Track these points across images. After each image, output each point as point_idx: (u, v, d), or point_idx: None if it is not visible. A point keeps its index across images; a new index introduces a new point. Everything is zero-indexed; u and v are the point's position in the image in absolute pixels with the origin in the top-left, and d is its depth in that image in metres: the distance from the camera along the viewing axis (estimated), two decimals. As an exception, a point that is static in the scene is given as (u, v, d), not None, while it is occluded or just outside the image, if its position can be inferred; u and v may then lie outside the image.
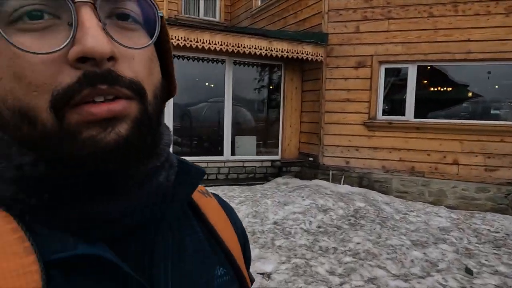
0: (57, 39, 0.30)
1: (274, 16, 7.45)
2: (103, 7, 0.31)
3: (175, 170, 0.42)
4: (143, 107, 0.33)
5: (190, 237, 0.43)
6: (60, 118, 0.30)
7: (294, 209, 4.24)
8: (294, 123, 6.78)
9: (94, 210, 0.33)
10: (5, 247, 0.29)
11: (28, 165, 0.32)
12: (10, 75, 0.30)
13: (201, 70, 6.49)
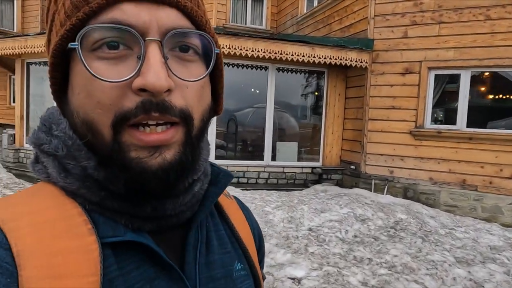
0: (126, 68, 0.35)
1: (318, 23, 7.44)
2: (169, 42, 0.36)
3: (208, 178, 0.47)
4: (188, 132, 0.38)
5: (215, 233, 0.49)
6: (117, 135, 0.36)
7: (331, 217, 4.18)
8: (336, 130, 6.68)
9: (140, 211, 0.39)
10: (75, 227, 0.36)
11: (91, 169, 0.38)
12: (85, 92, 0.37)
13: (246, 77, 6.66)
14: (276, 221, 4.01)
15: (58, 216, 0.36)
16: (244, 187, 5.94)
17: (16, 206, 0.37)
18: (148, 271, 0.39)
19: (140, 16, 0.35)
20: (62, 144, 0.39)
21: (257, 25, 9.61)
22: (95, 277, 0.34)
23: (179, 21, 0.37)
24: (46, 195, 0.38)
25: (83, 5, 0.35)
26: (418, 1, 5.55)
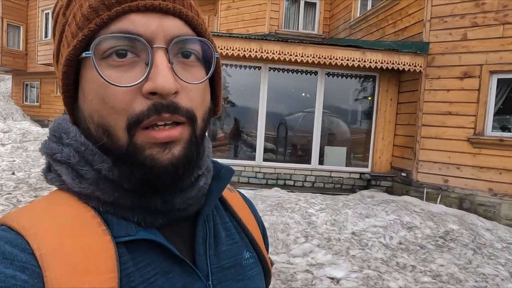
0: (135, 74, 0.38)
1: (371, 27, 7.32)
2: (173, 48, 0.39)
3: (211, 173, 0.50)
4: (193, 131, 0.41)
5: (222, 226, 0.51)
6: (131, 136, 0.38)
7: (376, 223, 4.14)
8: (387, 135, 6.51)
9: (152, 206, 0.42)
10: (90, 228, 0.39)
11: (105, 170, 0.40)
12: (98, 98, 0.39)
13: (296, 81, 6.78)
14: (319, 222, 4.08)
15: (74, 220, 0.39)
16: (290, 189, 6.06)
17: (35, 213, 0.39)
18: (162, 265, 0.41)
19: (147, 25, 0.38)
20: (73, 151, 0.41)
21: (309, 30, 9.68)
22: (113, 274, 0.36)
23: (182, 29, 0.40)
24: (62, 201, 0.41)
25: (94, 17, 0.38)
26: (480, 2, 5.25)
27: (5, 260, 0.34)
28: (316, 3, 9.51)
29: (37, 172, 5.50)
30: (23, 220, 0.38)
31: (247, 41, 5.75)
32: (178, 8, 0.40)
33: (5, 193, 4.56)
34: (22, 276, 0.33)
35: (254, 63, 6.33)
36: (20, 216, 0.39)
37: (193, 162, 0.42)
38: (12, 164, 5.50)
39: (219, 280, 0.46)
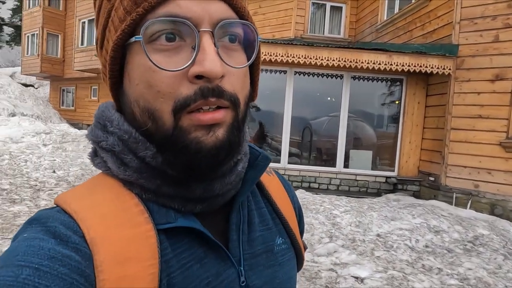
0: (181, 59, 0.38)
1: (399, 30, 7.27)
2: (218, 32, 0.38)
3: (247, 158, 0.49)
4: (236, 115, 0.41)
5: (256, 211, 0.51)
6: (177, 120, 0.38)
7: (402, 226, 4.13)
8: (415, 139, 6.43)
9: (192, 192, 0.42)
10: (134, 217, 0.39)
11: (149, 157, 0.41)
12: (145, 83, 0.38)
13: (321, 85, 6.83)
14: (343, 224, 4.11)
15: (118, 207, 0.40)
16: (315, 192, 6.10)
17: (83, 198, 0.41)
18: (198, 251, 0.42)
19: (193, 9, 0.37)
20: (117, 140, 0.42)
21: (335, 34, 9.70)
22: (154, 260, 0.37)
23: (226, 13, 0.39)
24: (107, 187, 0.42)
25: (142, 1, 0.37)
26: (513, 2, 5.13)
27: (61, 241, 0.35)
28: (342, 7, 9.53)
29: (75, 171, 5.87)
30: (74, 204, 0.39)
31: (273, 45, 5.88)
32: None
33: (47, 190, 4.91)
34: (76, 257, 0.34)
35: (280, 67, 6.45)
36: (72, 199, 0.40)
37: (235, 146, 0.42)
38: (53, 163, 5.90)
39: (251, 266, 0.46)
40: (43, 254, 0.33)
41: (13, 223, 3.50)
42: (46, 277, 0.31)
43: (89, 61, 13.58)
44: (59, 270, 0.32)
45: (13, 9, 28.58)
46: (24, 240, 0.35)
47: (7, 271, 0.31)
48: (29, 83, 20.75)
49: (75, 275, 0.33)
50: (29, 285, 0.30)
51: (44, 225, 0.37)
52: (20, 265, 0.32)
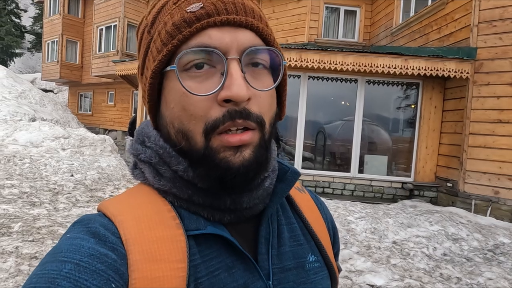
0: (212, 84, 0.41)
1: (415, 33, 7.17)
2: (245, 58, 0.42)
3: (276, 173, 0.51)
4: (262, 135, 0.43)
5: (287, 226, 0.52)
6: (208, 141, 0.41)
7: (418, 233, 4.04)
8: (431, 144, 6.30)
9: (221, 204, 0.45)
10: (166, 221, 0.42)
11: (181, 171, 0.44)
12: (179, 106, 0.42)
13: (335, 90, 6.79)
14: (358, 230, 4.06)
15: (153, 211, 0.43)
16: (329, 197, 6.04)
17: (122, 203, 0.45)
18: (226, 260, 0.43)
19: (223, 39, 0.41)
20: (154, 153, 0.46)
21: (349, 38, 9.64)
22: (183, 264, 0.39)
23: (254, 40, 0.43)
24: (144, 194, 0.46)
25: (177, 33, 0.42)
26: (534, 4, 5.00)
27: (100, 241, 0.39)
28: (357, 11, 9.47)
29: (92, 175, 5.99)
30: (113, 209, 0.43)
31: (287, 50, 5.89)
32: (250, 21, 0.43)
33: (66, 193, 5.03)
34: (112, 255, 0.38)
35: (294, 72, 6.45)
36: (111, 205, 0.44)
37: (263, 165, 0.44)
38: (71, 167, 6.04)
39: (280, 281, 0.46)
40: (84, 252, 0.37)
41: (32, 226, 3.59)
42: (85, 272, 0.35)
43: (106, 67, 13.90)
44: (96, 266, 0.36)
45: (34, 17, 29.56)
46: (68, 239, 0.39)
47: (51, 265, 0.35)
48: (49, 89, 21.36)
49: (111, 272, 0.36)
50: (70, 278, 0.34)
51: (86, 226, 0.41)
52: (63, 261, 0.35)
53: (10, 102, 11.14)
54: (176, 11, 0.43)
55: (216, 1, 0.42)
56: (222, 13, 0.42)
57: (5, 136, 7.13)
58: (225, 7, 0.42)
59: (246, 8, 0.43)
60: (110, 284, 0.35)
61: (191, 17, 0.41)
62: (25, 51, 28.33)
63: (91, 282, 0.34)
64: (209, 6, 0.42)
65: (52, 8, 17.53)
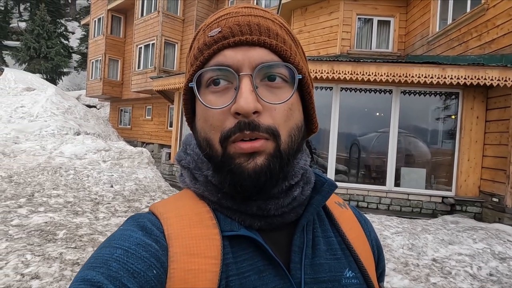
0: (227, 98, 0.45)
1: (453, 41, 6.91)
2: (258, 74, 0.45)
3: (311, 186, 0.53)
4: (276, 145, 0.45)
5: (323, 239, 0.52)
6: (224, 148, 0.45)
7: (461, 250, 3.81)
8: (474, 156, 5.96)
9: (248, 209, 0.48)
10: (204, 221, 0.47)
11: (210, 176, 0.49)
12: (203, 118, 0.48)
13: (369, 101, 6.65)
14: (395, 246, 3.90)
15: (193, 212, 0.48)
16: (364, 212, 5.86)
17: (168, 204, 0.51)
18: (258, 264, 0.45)
19: (236, 57, 0.45)
20: (192, 159, 0.53)
21: (383, 48, 9.46)
22: (217, 260, 0.43)
23: (267, 56, 0.46)
24: (187, 198, 0.51)
25: (199, 56, 0.47)
26: None
27: (146, 233, 0.45)
28: (390, 21, 9.30)
29: (130, 186, 6.25)
30: (160, 208, 0.49)
31: (318, 63, 5.89)
32: (263, 39, 0.46)
33: (105, 203, 5.28)
34: (156, 246, 0.43)
35: (326, 84, 6.42)
36: (159, 205, 0.51)
37: (276, 173, 0.45)
38: (110, 178, 6.35)
39: None
40: (132, 241, 0.43)
41: (75, 233, 3.80)
42: (132, 257, 0.41)
43: (144, 83, 14.58)
44: (142, 253, 0.41)
45: (80, 38, 31.79)
46: (120, 230, 0.45)
47: (105, 250, 0.42)
48: (92, 104, 22.73)
49: (153, 259, 0.41)
50: (119, 261, 0.40)
51: (136, 221, 0.47)
52: (115, 247, 0.42)
53: (58, 118, 11.97)
54: (202, 36, 0.49)
55: (233, 25, 0.47)
56: (236, 35, 0.46)
57: (53, 149, 7.65)
58: (240, 29, 0.46)
59: (261, 28, 0.47)
60: (152, 270, 0.40)
61: (210, 40, 0.47)
62: (72, 70, 30.45)
63: (136, 266, 0.40)
64: (225, 30, 0.47)
65: (96, 30, 18.79)
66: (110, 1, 17.72)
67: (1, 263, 2.92)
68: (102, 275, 0.38)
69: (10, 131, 10.58)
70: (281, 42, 0.47)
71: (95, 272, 0.38)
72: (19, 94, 14.86)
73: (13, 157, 7.10)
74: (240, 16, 0.48)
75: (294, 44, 0.50)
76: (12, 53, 26.49)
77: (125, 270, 0.39)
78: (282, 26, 0.51)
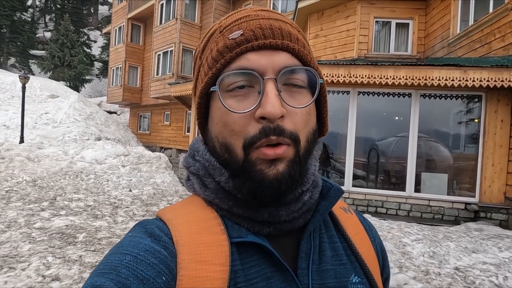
0: (249, 102, 0.45)
1: (475, 43, 6.71)
2: (281, 78, 0.45)
3: (319, 189, 0.53)
4: (297, 151, 0.45)
5: (329, 245, 0.52)
6: (246, 154, 0.45)
7: (485, 259, 3.66)
8: (499, 161, 5.74)
9: (259, 216, 0.47)
10: (212, 227, 0.46)
11: (223, 182, 0.48)
12: (222, 122, 0.46)
13: (388, 105, 6.54)
14: (415, 254, 3.78)
15: (201, 218, 0.47)
16: (382, 217, 5.73)
17: (176, 210, 0.50)
18: (265, 270, 0.45)
19: (260, 61, 0.45)
20: (201, 166, 0.51)
21: (401, 51, 9.28)
22: (225, 267, 0.43)
23: (289, 61, 0.46)
24: (195, 204, 0.51)
25: (219, 58, 0.46)
26: None
27: (155, 240, 0.44)
28: (409, 23, 9.13)
29: (148, 190, 6.35)
30: (168, 214, 0.49)
31: (335, 67, 5.84)
32: (286, 43, 0.46)
33: (124, 207, 5.37)
34: (164, 252, 0.43)
35: (343, 88, 6.35)
36: (167, 211, 0.50)
37: (296, 179, 0.46)
38: (129, 183, 6.47)
39: None
40: (141, 247, 0.43)
41: (95, 237, 3.88)
42: (141, 264, 0.41)
43: (162, 89, 14.85)
44: (151, 260, 0.41)
45: (102, 46, 32.78)
46: (129, 237, 0.45)
47: (114, 256, 0.41)
48: (113, 111, 23.31)
49: (162, 266, 0.41)
50: (129, 267, 0.40)
51: (144, 227, 0.47)
52: (124, 253, 0.42)
53: (80, 124, 12.34)
54: (221, 39, 0.48)
55: (255, 28, 0.46)
56: (260, 38, 0.45)
57: (74, 154, 7.88)
58: (263, 33, 0.46)
59: (283, 32, 0.47)
60: (161, 276, 0.40)
61: (232, 43, 0.46)
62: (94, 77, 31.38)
63: (146, 272, 0.40)
64: (248, 33, 0.46)
65: (117, 38, 19.33)
66: (130, 10, 18.21)
67: (23, 264, 3.02)
68: (111, 282, 0.38)
69: (35, 137, 10.98)
70: (302, 46, 0.48)
71: (105, 279, 0.38)
72: (44, 101, 15.44)
73: (37, 162, 7.35)
74: (261, 19, 0.48)
75: (309, 47, 0.51)
76: (38, 62, 27.57)
77: (135, 276, 0.39)
78: (300, 31, 0.51)
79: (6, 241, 3.53)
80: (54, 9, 37.22)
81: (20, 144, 9.22)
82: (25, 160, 7.27)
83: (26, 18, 31.10)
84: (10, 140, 10.94)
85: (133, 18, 18.32)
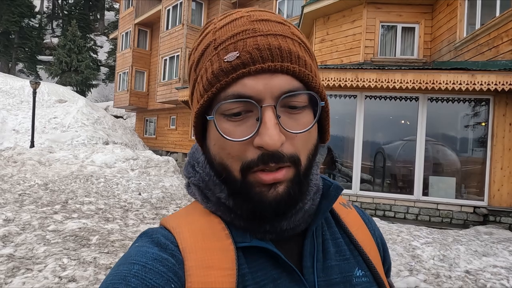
0: (247, 127, 0.44)
1: (482, 46, 6.72)
2: (281, 103, 0.43)
3: (320, 193, 0.53)
4: (297, 172, 0.45)
5: (332, 241, 0.53)
6: (244, 177, 0.45)
7: (496, 263, 3.66)
8: (508, 165, 5.73)
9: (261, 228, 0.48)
10: (217, 232, 0.47)
11: (223, 198, 0.49)
12: (219, 145, 0.46)
13: (395, 109, 6.56)
14: (425, 257, 3.79)
15: (206, 225, 0.48)
16: (391, 221, 5.74)
17: (180, 218, 0.51)
18: (272, 272, 0.46)
19: (257, 87, 0.42)
20: (202, 179, 0.51)
21: (408, 55, 9.30)
22: (232, 271, 0.43)
23: (289, 84, 0.43)
24: (197, 211, 0.52)
25: (215, 82, 0.44)
26: None
27: (162, 248, 0.45)
28: (415, 27, 9.16)
29: (157, 194, 6.42)
30: (172, 222, 0.50)
31: (342, 71, 5.88)
32: (285, 66, 0.43)
33: (134, 210, 5.44)
34: (172, 260, 0.43)
35: (350, 92, 6.39)
36: (171, 219, 0.51)
37: (296, 199, 0.46)
38: (138, 186, 6.54)
39: None
40: (149, 256, 0.43)
41: (107, 239, 3.94)
42: (150, 272, 0.41)
43: (169, 93, 14.98)
44: (159, 268, 0.42)
45: (108, 52, 33.13)
46: (136, 247, 0.46)
47: (123, 267, 0.42)
48: (120, 115, 23.52)
49: (171, 273, 0.42)
50: (138, 276, 0.40)
51: (151, 237, 0.48)
52: (132, 263, 0.42)
53: (88, 128, 12.47)
54: (215, 58, 0.45)
55: (252, 49, 0.43)
56: (257, 62, 0.42)
57: (84, 158, 7.98)
58: (260, 55, 0.43)
59: (282, 52, 0.43)
60: (170, 284, 0.41)
61: (227, 67, 0.43)
62: (100, 82, 31.70)
63: (155, 281, 0.40)
64: (244, 56, 0.43)
65: (124, 43, 19.56)
66: (137, 15, 18.43)
67: (40, 266, 3.08)
68: None
69: (44, 141, 11.13)
70: (303, 65, 0.45)
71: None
72: (52, 106, 15.64)
73: (48, 166, 7.46)
74: (258, 36, 0.44)
75: (311, 60, 0.48)
76: (46, 67, 27.94)
77: (144, 285, 0.39)
78: (301, 42, 0.48)
79: (22, 243, 3.60)
80: (61, 15, 37.77)
81: (31, 148, 9.36)
82: (36, 164, 7.38)
83: (34, 24, 31.59)
84: (21, 144, 11.10)
85: (140, 24, 18.54)
